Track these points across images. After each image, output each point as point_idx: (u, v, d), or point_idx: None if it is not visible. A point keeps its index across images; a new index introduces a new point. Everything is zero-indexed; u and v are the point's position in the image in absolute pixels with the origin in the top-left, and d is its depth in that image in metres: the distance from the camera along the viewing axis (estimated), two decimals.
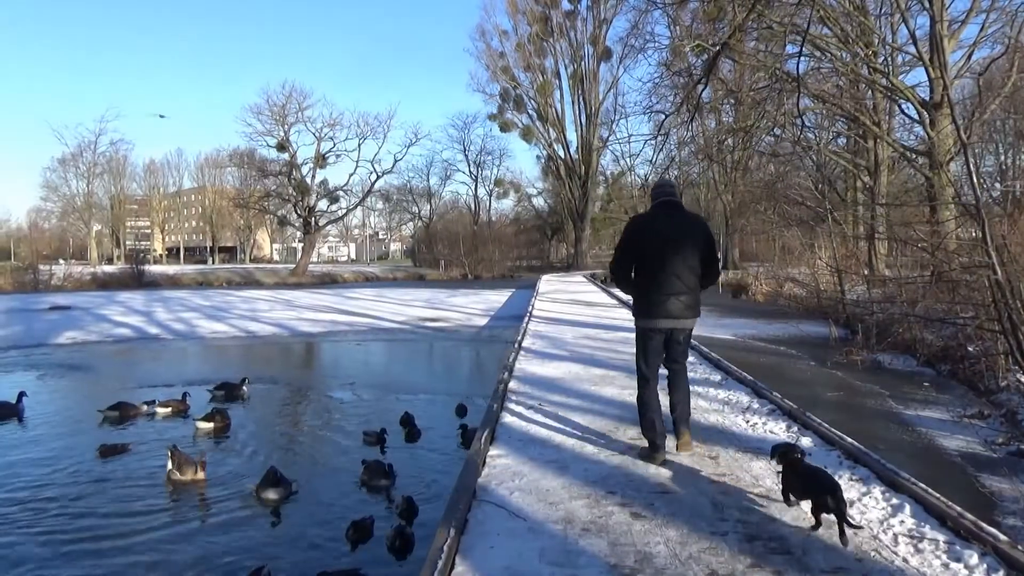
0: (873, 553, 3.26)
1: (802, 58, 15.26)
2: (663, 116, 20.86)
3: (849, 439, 5.03)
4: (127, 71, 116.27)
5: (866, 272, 17.97)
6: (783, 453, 3.96)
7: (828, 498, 3.43)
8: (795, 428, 5.56)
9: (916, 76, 53.31)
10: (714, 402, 6.61)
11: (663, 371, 4.95)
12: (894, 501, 3.90)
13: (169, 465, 6.29)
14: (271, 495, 5.71)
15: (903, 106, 20.20)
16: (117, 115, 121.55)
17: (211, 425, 8.18)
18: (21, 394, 9.29)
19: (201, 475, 6.28)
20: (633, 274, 4.85)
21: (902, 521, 3.64)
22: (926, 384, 10.10)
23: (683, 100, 19.18)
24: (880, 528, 3.57)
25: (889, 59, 20.96)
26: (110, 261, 69.28)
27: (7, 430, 8.51)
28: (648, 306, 4.75)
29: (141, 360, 14.65)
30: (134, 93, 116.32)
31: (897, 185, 24.71)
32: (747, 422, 5.84)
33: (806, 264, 20.91)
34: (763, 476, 4.38)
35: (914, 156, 20.20)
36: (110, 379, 11.98)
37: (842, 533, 3.33)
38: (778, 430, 5.52)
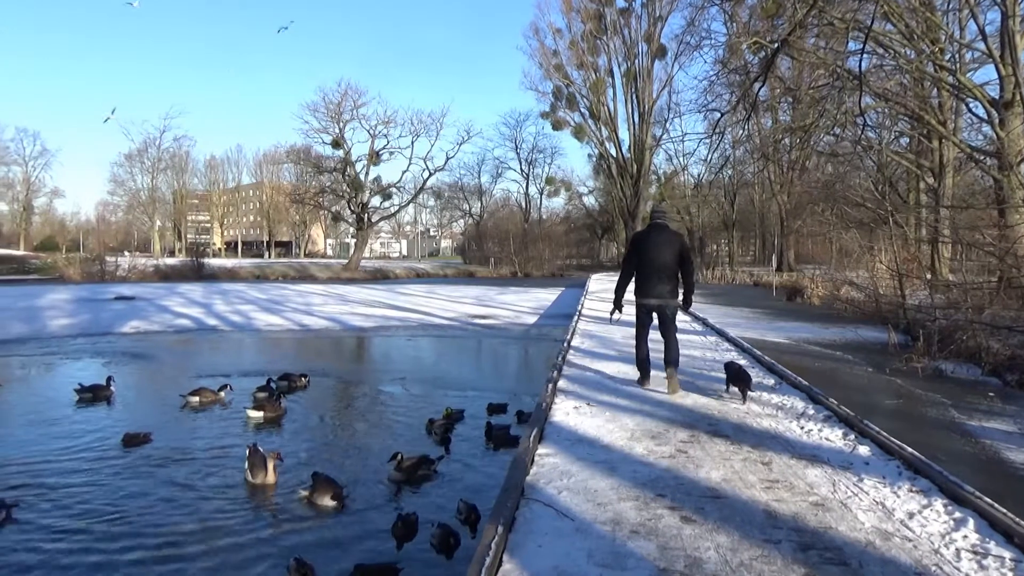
0: (934, 568, 3.15)
1: (864, 55, 14.80)
2: (718, 115, 20.63)
3: (909, 449, 4.87)
4: (192, 70, 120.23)
5: (928, 276, 17.36)
6: (728, 364, 7.24)
7: (740, 382, 6.69)
8: (852, 436, 5.41)
9: (985, 74, 51.41)
10: (767, 407, 6.49)
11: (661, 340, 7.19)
12: (957, 515, 3.77)
13: (246, 466, 6.15)
14: (326, 503, 5.57)
15: (971, 105, 19.47)
16: (180, 112, 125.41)
17: (261, 414, 8.35)
18: (110, 379, 9.88)
19: (272, 478, 6.04)
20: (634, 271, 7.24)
21: (965, 536, 3.51)
22: (991, 394, 9.69)
23: (739, 98, 18.88)
24: (942, 542, 3.44)
25: (956, 56, 20.22)
26: (172, 254, 71.78)
27: (103, 411, 9.01)
28: (641, 289, 7.16)
29: (200, 350, 15.11)
30: (198, 90, 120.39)
31: (963, 187, 23.82)
32: (802, 428, 5.71)
33: (865, 267, 20.26)
34: (818, 484, 4.28)
35: (982, 157, 19.45)
36: (172, 368, 12.43)
37: (744, 399, 6.63)
38: (834, 437, 5.38)
